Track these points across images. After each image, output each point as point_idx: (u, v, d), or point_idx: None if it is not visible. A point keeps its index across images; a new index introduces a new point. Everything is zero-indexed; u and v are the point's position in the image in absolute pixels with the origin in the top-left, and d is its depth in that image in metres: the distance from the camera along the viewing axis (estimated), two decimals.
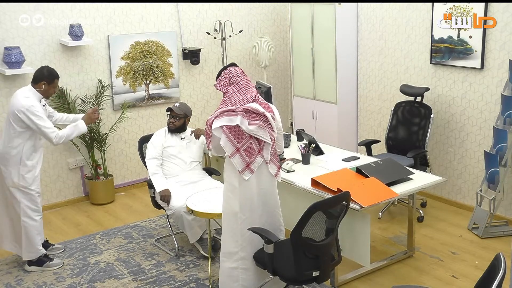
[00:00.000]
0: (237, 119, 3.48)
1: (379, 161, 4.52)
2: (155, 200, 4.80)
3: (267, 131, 3.57)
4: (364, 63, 6.41)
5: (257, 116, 3.53)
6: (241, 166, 3.52)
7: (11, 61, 5.34)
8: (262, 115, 3.55)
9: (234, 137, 3.49)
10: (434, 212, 5.52)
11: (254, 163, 3.55)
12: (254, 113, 3.52)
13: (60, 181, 6.03)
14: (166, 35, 6.42)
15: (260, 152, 3.58)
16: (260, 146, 3.57)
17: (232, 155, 3.51)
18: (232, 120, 3.49)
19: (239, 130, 3.49)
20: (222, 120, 3.50)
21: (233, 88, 3.56)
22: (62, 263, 4.69)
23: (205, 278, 4.35)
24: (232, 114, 3.50)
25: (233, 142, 3.49)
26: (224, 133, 3.49)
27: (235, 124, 3.48)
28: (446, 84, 5.55)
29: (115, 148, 6.33)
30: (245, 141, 3.51)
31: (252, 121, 3.51)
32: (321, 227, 3.46)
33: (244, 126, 3.48)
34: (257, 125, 3.52)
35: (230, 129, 3.48)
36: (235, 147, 3.50)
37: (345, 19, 6.27)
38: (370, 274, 4.37)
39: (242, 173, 3.53)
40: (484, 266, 2.91)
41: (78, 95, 5.95)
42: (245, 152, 3.52)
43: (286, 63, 7.52)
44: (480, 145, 5.33)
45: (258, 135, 3.54)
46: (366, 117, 6.53)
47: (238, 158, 3.51)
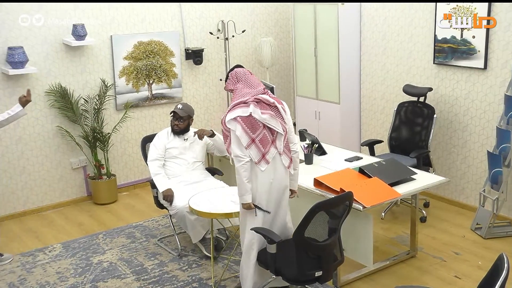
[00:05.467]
0: (250, 109, 3.55)
1: (382, 161, 4.52)
2: (158, 200, 4.81)
3: (279, 121, 3.63)
4: (367, 63, 6.41)
5: (268, 107, 3.60)
6: (257, 157, 3.57)
7: (14, 61, 5.35)
8: (273, 105, 3.62)
9: (249, 127, 3.54)
10: (437, 212, 5.51)
11: (269, 153, 3.60)
12: (265, 103, 3.60)
13: (63, 180, 6.04)
14: (169, 35, 6.43)
15: (274, 143, 3.63)
16: (273, 136, 3.62)
17: (248, 146, 3.55)
18: (245, 111, 3.55)
19: (253, 120, 3.54)
20: (235, 112, 3.56)
21: (241, 85, 3.66)
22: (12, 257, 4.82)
23: (207, 278, 4.35)
24: (244, 105, 3.57)
25: (248, 133, 3.54)
26: (239, 123, 3.53)
27: (248, 113, 3.53)
28: (449, 84, 5.54)
29: (118, 148, 6.33)
30: (259, 131, 3.56)
31: (264, 111, 3.58)
32: (324, 227, 3.46)
33: (257, 115, 3.55)
34: (269, 115, 3.59)
35: (244, 120, 3.53)
36: (251, 138, 3.55)
37: (348, 19, 6.27)
38: (373, 274, 4.37)
39: (258, 164, 3.57)
40: (487, 266, 2.91)
41: (81, 95, 5.96)
42: (260, 142, 3.57)
43: (288, 63, 7.52)
44: (483, 145, 5.32)
45: (271, 125, 3.59)
46: (369, 117, 6.52)
47: (254, 148, 3.56)
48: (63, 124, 5.88)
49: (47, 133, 5.85)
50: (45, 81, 5.74)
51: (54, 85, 5.77)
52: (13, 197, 5.76)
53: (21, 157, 5.74)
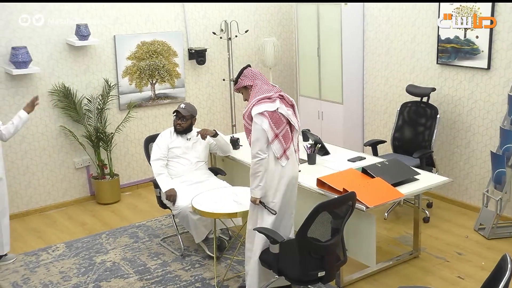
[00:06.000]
0: (276, 104, 3.60)
1: (385, 162, 4.51)
2: (161, 199, 4.81)
3: (296, 119, 3.72)
4: (370, 63, 6.40)
5: (288, 105, 3.71)
6: (280, 152, 3.60)
7: (18, 61, 5.36)
8: (291, 104, 3.73)
9: (274, 123, 3.58)
10: (440, 212, 5.50)
11: (289, 149, 3.66)
12: (286, 100, 3.70)
13: (66, 180, 6.05)
14: (172, 35, 6.43)
15: (292, 140, 3.69)
16: (292, 134, 3.69)
17: (272, 140, 3.57)
18: (271, 106, 3.59)
19: (278, 115, 3.59)
20: (262, 106, 3.58)
21: (259, 81, 3.71)
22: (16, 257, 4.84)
23: (210, 278, 4.36)
24: (269, 100, 3.60)
25: (273, 128, 3.57)
26: (266, 118, 3.56)
27: (275, 109, 3.58)
28: (452, 84, 5.54)
29: (121, 148, 6.34)
30: (282, 127, 3.61)
31: (287, 108, 3.67)
32: (327, 227, 3.46)
33: (283, 111, 3.61)
34: (292, 111, 3.69)
35: (270, 115, 3.57)
36: (275, 133, 3.58)
37: (351, 19, 6.26)
38: (376, 274, 4.36)
39: (280, 159, 3.60)
40: (490, 267, 2.90)
41: (85, 94, 5.97)
42: (283, 138, 3.61)
43: (292, 63, 7.52)
44: (486, 146, 5.31)
45: (292, 121, 3.66)
46: (372, 117, 6.52)
47: (277, 143, 3.59)
48: (66, 124, 5.90)
49: (50, 133, 5.86)
50: (48, 81, 5.75)
51: (57, 85, 5.78)
52: (17, 196, 5.77)
53: (24, 156, 5.75)
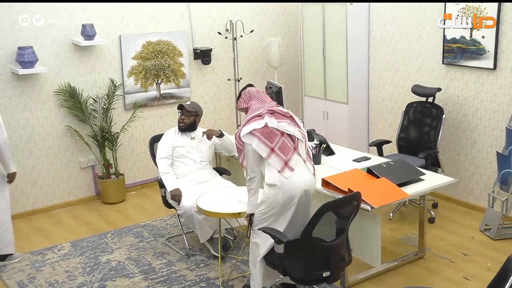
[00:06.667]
0: (264, 120, 3.57)
1: (390, 162, 4.50)
2: (166, 199, 4.82)
3: (297, 128, 3.65)
4: (375, 63, 6.39)
5: (283, 116, 3.65)
6: (280, 165, 3.53)
7: (24, 60, 5.38)
8: (288, 115, 3.67)
9: (266, 137, 3.54)
10: (445, 213, 5.49)
11: (292, 160, 3.57)
12: (280, 113, 3.65)
13: (71, 180, 6.07)
14: (178, 35, 6.44)
15: (296, 150, 3.62)
16: (294, 144, 3.62)
17: (268, 156, 3.53)
18: (260, 123, 3.57)
19: (269, 129, 3.56)
20: (250, 125, 3.58)
21: (254, 102, 3.71)
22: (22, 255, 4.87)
23: (215, 278, 4.36)
24: (258, 118, 3.59)
25: (266, 143, 3.53)
26: (255, 136, 3.54)
27: (263, 125, 3.55)
28: (458, 85, 5.52)
29: (127, 147, 6.36)
30: (277, 139, 3.56)
31: (280, 120, 3.62)
32: (332, 228, 3.46)
33: (273, 124, 3.57)
34: (286, 122, 3.63)
35: (260, 131, 3.54)
36: (269, 147, 3.54)
37: (357, 19, 6.25)
38: (381, 275, 4.36)
39: (282, 172, 3.53)
40: (496, 268, 2.89)
41: (90, 94, 5.98)
42: (280, 150, 3.55)
43: (297, 63, 7.52)
44: (492, 146, 5.29)
45: (290, 131, 3.60)
46: (377, 117, 6.51)
47: (275, 157, 3.54)
48: (72, 123, 5.91)
49: (56, 133, 5.88)
50: (54, 81, 5.77)
51: (63, 85, 5.80)
52: (23, 196, 5.79)
53: (30, 156, 5.77)
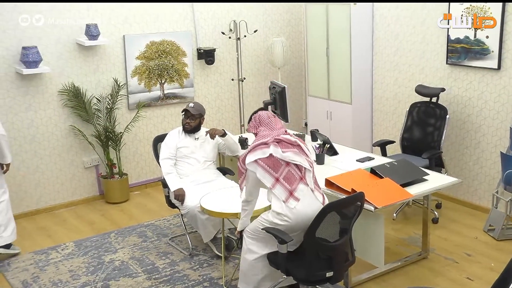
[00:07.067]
0: (270, 149, 3.48)
1: (394, 162, 4.50)
2: (169, 199, 4.82)
3: (304, 157, 3.55)
4: (379, 63, 6.38)
5: (290, 145, 3.53)
6: (284, 195, 3.45)
7: (29, 60, 5.39)
8: (295, 144, 3.56)
9: (271, 167, 3.46)
10: (449, 213, 5.48)
11: (297, 190, 3.47)
12: (287, 142, 3.54)
13: (75, 179, 6.08)
14: (181, 35, 6.45)
15: (303, 180, 3.51)
16: (301, 173, 3.52)
17: (273, 186, 3.46)
18: (265, 152, 3.48)
19: (274, 159, 3.46)
20: (256, 154, 3.49)
21: (263, 127, 3.62)
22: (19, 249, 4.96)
23: (218, 278, 4.36)
24: (264, 146, 3.50)
25: (271, 173, 3.46)
26: (260, 165, 3.47)
27: (267, 154, 3.47)
28: (462, 85, 5.51)
29: (130, 147, 6.37)
30: (282, 169, 3.47)
31: (286, 149, 3.51)
32: (335, 228, 3.46)
33: (278, 154, 3.47)
34: (292, 152, 3.51)
35: (265, 161, 3.47)
36: (274, 177, 3.46)
37: (360, 19, 6.25)
38: (384, 275, 4.35)
39: (287, 202, 3.45)
40: (499, 268, 2.88)
41: (94, 94, 6.00)
42: (285, 180, 3.46)
43: (300, 63, 7.51)
44: (496, 146, 5.28)
45: (295, 161, 3.50)
46: (380, 117, 6.50)
47: (280, 187, 3.46)
48: (76, 123, 5.93)
49: (60, 132, 5.89)
50: (58, 81, 5.78)
51: (67, 85, 5.81)
52: (27, 195, 5.81)
53: (34, 156, 5.79)
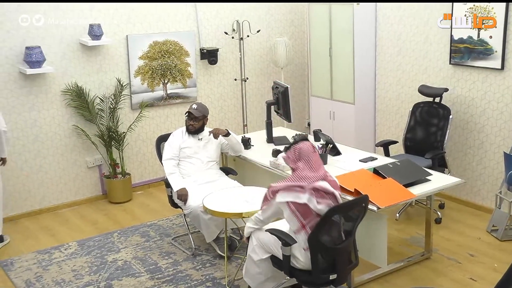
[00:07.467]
0: (305, 197, 3.34)
1: (397, 162, 4.49)
2: (172, 199, 4.83)
3: None
4: (382, 63, 6.38)
5: (326, 195, 3.40)
6: (307, 245, 3.38)
7: (32, 60, 5.40)
8: (331, 194, 3.43)
9: (301, 213, 3.36)
10: (452, 213, 5.47)
11: None
12: (323, 191, 3.39)
13: (78, 179, 6.09)
14: (184, 35, 6.45)
15: None
16: None
17: (297, 231, 3.40)
18: (300, 197, 3.34)
19: (307, 208, 3.34)
20: (289, 195, 3.37)
21: (302, 165, 3.42)
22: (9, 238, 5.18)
23: (221, 278, 4.37)
24: (300, 190, 3.35)
25: (299, 218, 3.37)
26: (290, 208, 3.37)
27: (302, 201, 3.34)
28: (465, 85, 5.50)
29: (133, 147, 6.37)
30: (311, 218, 3.37)
31: (321, 200, 3.38)
32: (339, 231, 3.44)
33: (312, 205, 3.35)
34: (326, 204, 3.38)
35: (296, 206, 3.35)
36: (301, 223, 3.38)
37: (363, 19, 6.24)
38: (387, 275, 4.35)
39: (307, 251, 3.39)
40: (503, 269, 2.88)
41: (97, 94, 6.00)
42: (311, 229, 3.36)
43: (303, 63, 7.51)
44: (499, 147, 5.27)
45: None
46: (383, 117, 6.49)
47: (304, 235, 3.39)
48: (79, 123, 5.94)
49: (63, 132, 5.90)
50: (61, 81, 5.79)
51: (70, 85, 5.82)
52: (30, 195, 5.82)
53: (37, 155, 5.80)
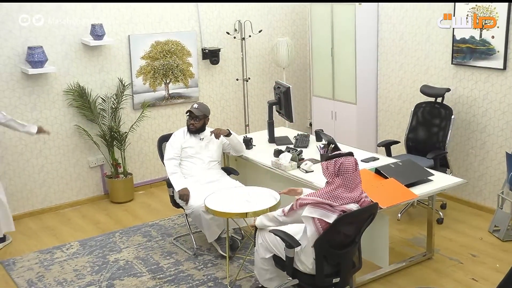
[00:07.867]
0: (332, 218, 3.26)
1: (399, 162, 4.49)
2: (174, 199, 4.83)
3: None
4: (384, 63, 6.37)
5: (352, 219, 3.34)
6: None
7: (34, 60, 5.41)
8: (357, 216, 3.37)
9: (323, 228, 3.30)
10: (454, 214, 5.47)
11: None
12: (351, 215, 3.32)
13: (80, 179, 6.10)
14: (186, 35, 6.46)
15: None
16: None
17: (312, 240, 3.35)
18: (328, 216, 3.26)
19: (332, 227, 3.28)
20: (316, 211, 3.29)
21: (339, 181, 3.29)
22: None
23: (222, 277, 4.37)
24: (330, 209, 3.27)
25: (320, 232, 3.31)
26: (315, 224, 3.30)
27: (328, 221, 3.26)
28: (467, 85, 5.49)
29: (135, 147, 6.38)
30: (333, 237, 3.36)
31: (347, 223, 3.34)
32: (346, 236, 3.42)
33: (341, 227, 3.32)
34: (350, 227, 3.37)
35: (322, 223, 3.28)
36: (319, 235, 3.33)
37: (365, 19, 6.24)
38: (389, 275, 4.34)
39: None
40: (505, 269, 2.88)
41: (99, 94, 6.01)
42: None
43: (305, 63, 7.51)
44: (501, 147, 5.26)
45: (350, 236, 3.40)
46: (385, 117, 6.49)
47: None
48: (81, 123, 5.94)
49: (65, 132, 5.91)
50: (63, 81, 5.80)
51: (72, 84, 5.83)
52: (32, 195, 5.83)
53: (39, 155, 5.80)
